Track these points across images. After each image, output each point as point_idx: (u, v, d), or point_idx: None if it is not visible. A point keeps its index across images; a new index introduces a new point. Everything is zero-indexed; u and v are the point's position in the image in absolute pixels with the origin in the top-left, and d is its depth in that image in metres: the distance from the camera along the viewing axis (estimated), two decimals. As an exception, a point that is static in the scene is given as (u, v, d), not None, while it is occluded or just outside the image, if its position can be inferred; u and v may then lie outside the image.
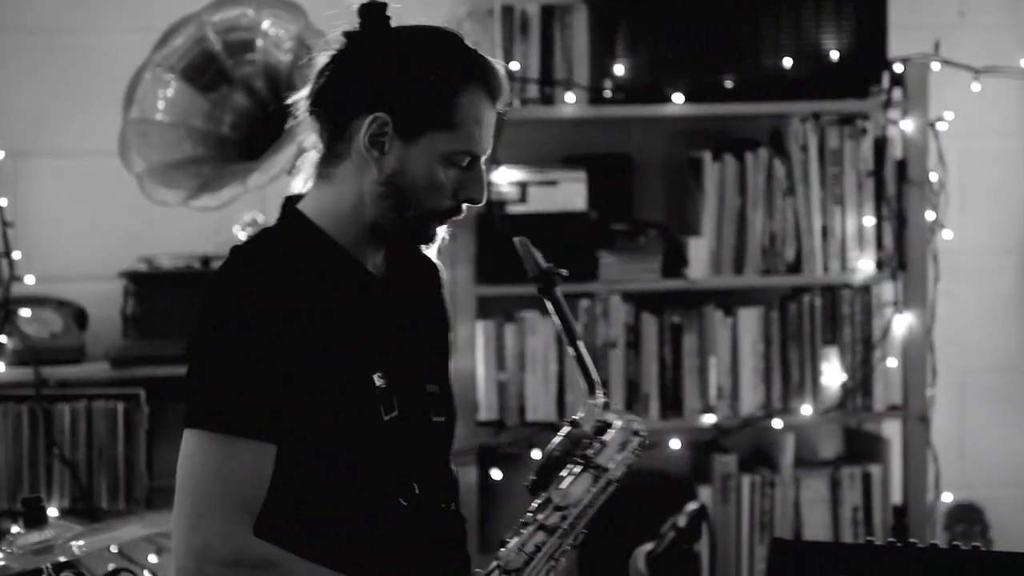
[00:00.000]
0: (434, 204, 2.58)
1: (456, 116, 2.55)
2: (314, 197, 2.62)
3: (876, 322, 4.68)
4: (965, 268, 5.04)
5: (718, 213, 4.60)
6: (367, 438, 2.56)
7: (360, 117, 2.55)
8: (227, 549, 2.43)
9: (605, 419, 2.70)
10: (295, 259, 2.54)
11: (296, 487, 2.52)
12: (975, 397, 5.12)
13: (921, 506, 4.68)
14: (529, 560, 2.59)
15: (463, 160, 2.57)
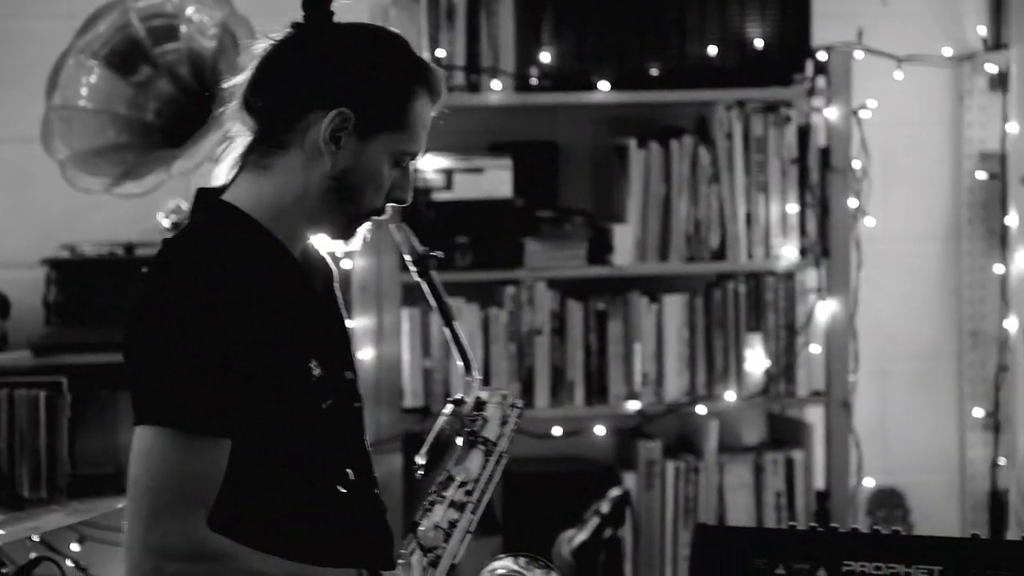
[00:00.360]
0: (372, 202, 2.59)
1: (409, 117, 2.57)
2: (246, 188, 2.60)
3: (799, 309, 4.71)
4: (887, 255, 5.08)
5: (643, 200, 4.62)
6: (309, 427, 2.57)
7: (317, 111, 2.54)
8: (186, 546, 2.43)
9: (479, 396, 2.74)
10: (234, 251, 2.53)
11: (244, 478, 2.52)
12: (897, 383, 5.16)
13: (843, 491, 4.72)
14: (447, 537, 2.61)
15: (406, 160, 2.60)
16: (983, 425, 5.13)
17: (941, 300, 5.18)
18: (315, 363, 2.57)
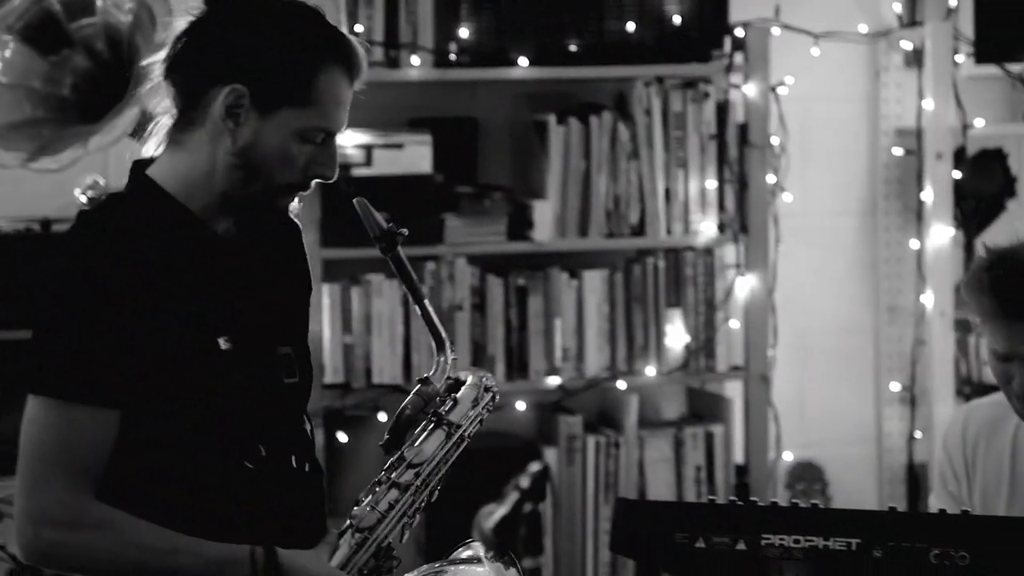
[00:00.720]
0: (284, 178, 2.57)
1: (313, 94, 2.54)
2: (165, 163, 2.60)
3: (719, 284, 4.73)
4: (805, 231, 5.11)
5: (563, 176, 4.62)
6: (209, 401, 2.56)
7: (217, 87, 2.53)
8: (65, 514, 2.45)
9: (457, 376, 2.73)
10: (141, 224, 2.53)
11: (145, 451, 2.53)
12: (815, 358, 5.20)
13: (762, 465, 4.75)
14: (382, 518, 2.61)
15: (317, 137, 2.57)
16: (900, 399, 5.18)
17: (858, 275, 5.22)
18: (225, 339, 2.56)
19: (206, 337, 2.55)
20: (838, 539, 2.81)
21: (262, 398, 2.63)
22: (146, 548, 2.50)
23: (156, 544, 2.50)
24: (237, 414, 2.59)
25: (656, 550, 2.89)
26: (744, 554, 2.84)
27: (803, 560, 2.82)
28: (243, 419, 2.60)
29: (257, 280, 2.68)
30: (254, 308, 2.65)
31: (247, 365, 2.60)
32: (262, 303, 2.67)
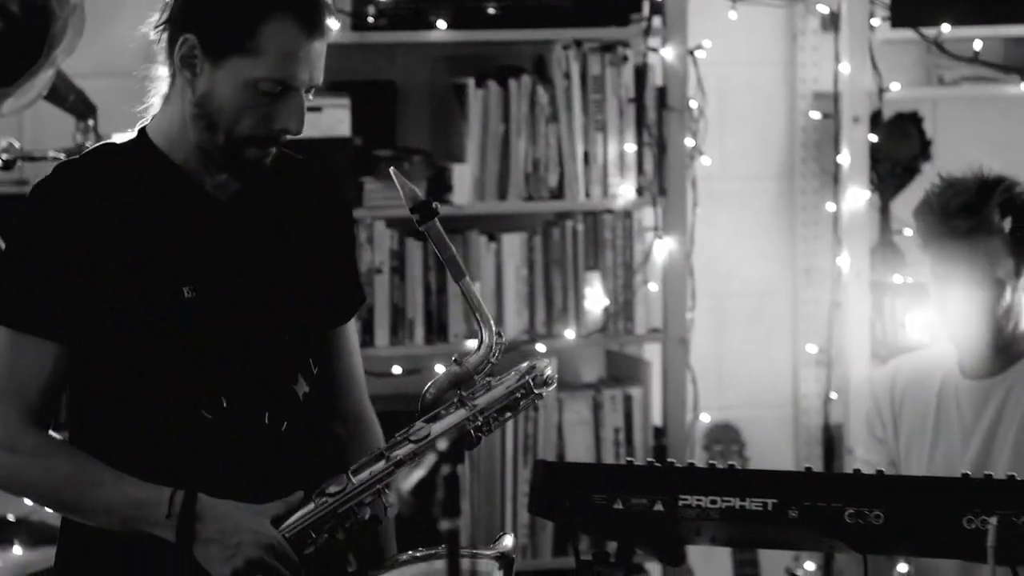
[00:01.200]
0: (244, 130, 2.60)
1: (259, 43, 2.57)
2: (156, 118, 2.69)
3: (637, 247, 4.74)
4: (723, 194, 5.13)
5: (482, 140, 4.62)
6: (166, 349, 2.60)
7: (177, 38, 2.59)
8: (4, 437, 2.59)
9: (494, 359, 2.71)
10: (118, 171, 2.63)
11: (103, 392, 2.62)
12: (732, 320, 5.23)
13: (680, 427, 4.78)
14: (356, 487, 2.60)
15: (272, 88, 2.59)
16: (816, 361, 5.22)
17: (775, 238, 5.25)
18: (189, 288, 2.61)
19: (169, 285, 2.60)
20: (754, 500, 2.83)
21: (228, 351, 2.65)
22: (71, 479, 2.59)
23: (81, 476, 2.58)
24: (195, 363, 2.62)
25: (574, 512, 2.91)
26: (662, 515, 2.86)
27: (720, 520, 2.84)
28: (201, 369, 2.63)
29: (249, 237, 2.70)
30: (237, 264, 2.67)
31: (212, 317, 2.63)
32: (251, 260, 2.69)
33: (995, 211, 3.18)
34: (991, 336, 3.24)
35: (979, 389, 3.31)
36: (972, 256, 3.20)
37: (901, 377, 3.43)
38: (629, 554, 2.92)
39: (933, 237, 3.23)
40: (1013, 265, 3.22)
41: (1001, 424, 3.27)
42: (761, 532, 2.92)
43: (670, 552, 3.02)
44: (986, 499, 2.69)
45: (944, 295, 3.25)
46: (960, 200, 3.20)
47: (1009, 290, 3.23)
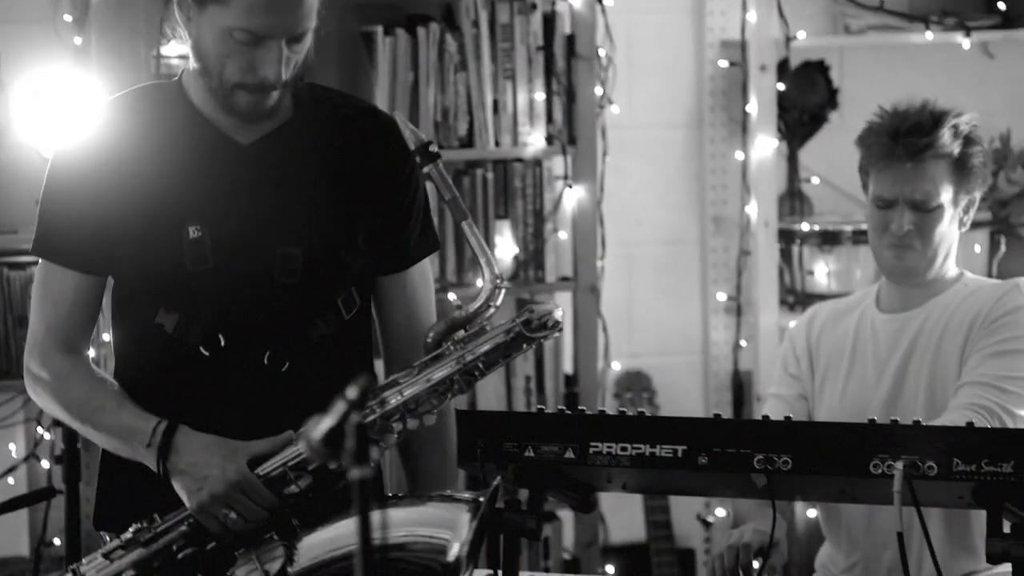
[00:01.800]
0: (232, 76, 2.68)
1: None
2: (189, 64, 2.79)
3: (547, 196, 4.75)
4: (632, 142, 5.14)
5: (391, 88, 4.59)
6: (167, 285, 2.71)
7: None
8: (36, 353, 2.79)
9: (493, 304, 2.73)
10: (148, 110, 2.77)
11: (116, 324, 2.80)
12: (642, 268, 5.25)
13: (591, 375, 4.80)
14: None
15: (245, 38, 2.65)
16: (725, 308, 5.26)
17: (684, 186, 5.27)
18: (196, 227, 2.70)
19: (175, 223, 2.70)
20: (664, 446, 2.85)
21: (229, 291, 2.72)
22: (80, 402, 2.76)
23: (89, 400, 2.75)
24: (194, 301, 2.71)
25: (485, 459, 2.92)
26: (572, 462, 2.88)
27: (630, 467, 2.86)
28: (201, 307, 2.71)
29: (268, 181, 2.75)
30: (250, 206, 2.73)
31: (216, 257, 2.70)
32: (267, 204, 2.74)
33: (947, 133, 3.26)
34: (924, 263, 3.30)
35: (895, 322, 3.36)
36: (919, 178, 3.27)
37: (820, 317, 3.49)
38: (540, 501, 2.93)
39: (882, 159, 3.30)
40: (954, 193, 3.29)
41: (913, 358, 3.32)
42: (671, 478, 2.94)
43: (581, 499, 3.03)
44: (892, 444, 2.73)
45: (883, 220, 3.30)
46: (913, 121, 3.29)
47: (947, 218, 3.29)
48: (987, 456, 2.68)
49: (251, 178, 2.75)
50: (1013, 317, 3.27)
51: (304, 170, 2.78)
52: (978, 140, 3.33)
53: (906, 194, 3.28)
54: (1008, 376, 3.21)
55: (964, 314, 3.31)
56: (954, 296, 3.34)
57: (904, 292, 3.37)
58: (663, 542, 4.89)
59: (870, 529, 3.30)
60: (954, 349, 3.29)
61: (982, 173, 3.33)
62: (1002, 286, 3.34)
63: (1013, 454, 2.67)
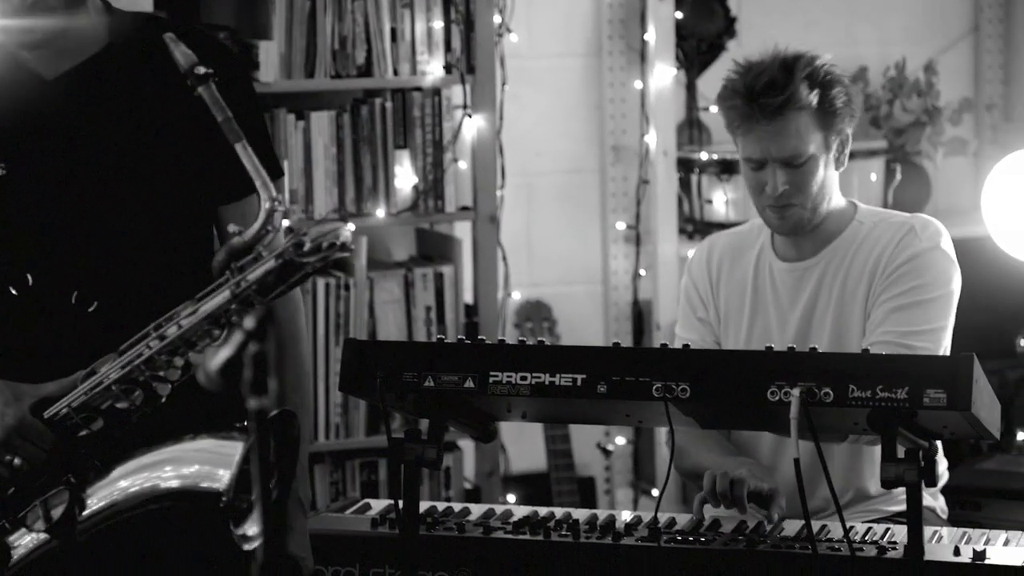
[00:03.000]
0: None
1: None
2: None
3: (446, 125, 4.72)
4: (531, 71, 5.13)
5: (288, 16, 4.54)
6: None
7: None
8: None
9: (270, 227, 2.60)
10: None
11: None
12: (542, 198, 5.25)
13: (491, 304, 4.80)
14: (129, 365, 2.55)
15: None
16: (625, 237, 5.28)
17: (583, 116, 5.27)
18: (1, 166, 2.61)
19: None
20: (564, 375, 2.86)
21: (37, 228, 2.64)
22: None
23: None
24: (2, 239, 2.64)
25: (386, 390, 2.91)
26: (473, 392, 2.88)
27: (530, 396, 2.87)
28: (9, 245, 2.64)
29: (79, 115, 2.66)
30: (59, 142, 2.64)
31: (23, 194, 2.62)
32: (77, 139, 2.65)
33: (802, 85, 3.20)
34: (807, 215, 3.27)
35: (794, 272, 3.33)
36: (783, 135, 3.21)
37: (716, 252, 3.45)
38: (441, 431, 2.93)
39: (742, 120, 3.24)
40: (823, 139, 3.25)
41: (817, 308, 3.31)
42: (571, 407, 2.96)
43: (482, 428, 3.04)
44: (789, 371, 2.75)
45: (758, 181, 3.26)
46: (766, 78, 3.21)
47: (822, 164, 3.26)
48: (882, 382, 2.71)
49: (57, 114, 2.66)
50: (912, 264, 3.25)
51: (114, 104, 2.69)
52: (837, 80, 3.24)
53: (773, 153, 3.22)
54: (913, 331, 3.19)
55: (863, 262, 3.28)
56: (851, 239, 3.31)
57: (797, 238, 3.35)
58: (564, 471, 4.92)
59: (778, 464, 3.32)
60: (857, 300, 3.28)
61: (848, 111, 3.26)
62: (898, 228, 3.29)
63: (907, 380, 2.70)
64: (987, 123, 5.57)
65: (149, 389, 2.55)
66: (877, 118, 5.33)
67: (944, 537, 2.96)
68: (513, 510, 3.17)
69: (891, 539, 2.92)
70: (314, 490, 4.64)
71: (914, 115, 5.31)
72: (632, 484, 5.30)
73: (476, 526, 3.05)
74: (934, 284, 3.24)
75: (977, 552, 2.79)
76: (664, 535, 2.96)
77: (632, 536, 2.97)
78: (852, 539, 2.87)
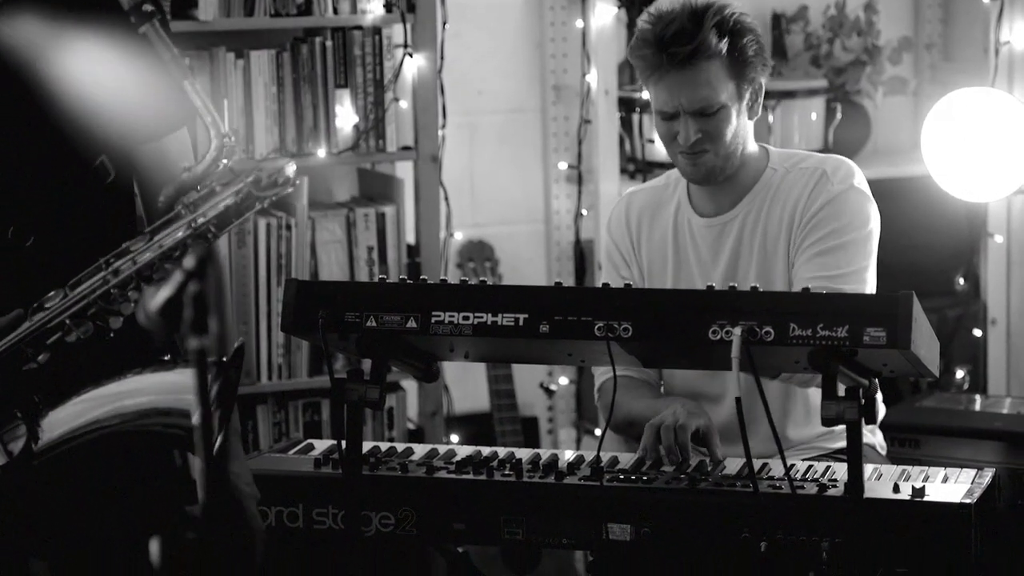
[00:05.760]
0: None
1: None
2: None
3: (387, 64, 4.70)
4: (472, 9, 5.11)
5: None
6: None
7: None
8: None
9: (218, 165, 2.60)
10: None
11: None
12: (483, 137, 5.24)
13: (433, 245, 4.79)
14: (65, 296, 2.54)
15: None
16: (567, 177, 5.27)
17: (525, 55, 5.25)
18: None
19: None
20: (506, 315, 2.87)
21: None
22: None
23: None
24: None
25: (328, 330, 2.91)
26: (415, 332, 2.88)
27: (473, 336, 2.88)
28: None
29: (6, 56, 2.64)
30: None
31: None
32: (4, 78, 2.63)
33: (711, 33, 3.19)
34: (720, 163, 3.26)
35: (713, 228, 3.34)
36: (695, 83, 3.20)
37: (635, 209, 3.44)
38: (383, 371, 2.93)
39: (653, 70, 3.23)
40: (735, 88, 3.24)
41: (740, 264, 3.31)
42: (514, 347, 2.97)
43: (424, 369, 3.05)
44: (731, 310, 2.76)
45: (670, 130, 3.25)
46: (675, 28, 3.20)
47: (734, 114, 3.25)
48: (822, 321, 2.73)
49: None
50: (829, 209, 3.25)
51: (42, 43, 2.65)
52: (748, 28, 3.24)
53: (684, 103, 3.21)
54: (838, 274, 3.20)
55: (780, 212, 3.28)
56: (765, 189, 3.31)
57: (713, 192, 3.35)
58: (507, 411, 4.93)
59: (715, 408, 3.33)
60: (779, 251, 3.28)
61: (760, 59, 3.25)
62: (811, 174, 3.29)
63: (847, 319, 2.72)
64: (926, 62, 5.59)
65: (102, 321, 2.55)
66: (817, 57, 5.34)
67: (884, 475, 2.98)
68: (456, 450, 3.18)
69: (831, 477, 2.94)
70: (257, 431, 4.64)
71: (854, 54, 5.32)
72: (575, 424, 5.32)
73: (419, 466, 3.05)
74: (852, 225, 3.25)
75: (916, 489, 2.81)
76: (607, 474, 2.97)
77: (575, 475, 2.98)
78: (793, 477, 2.90)
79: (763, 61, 3.27)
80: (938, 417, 4.16)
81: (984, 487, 2.87)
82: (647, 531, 2.89)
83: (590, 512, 2.93)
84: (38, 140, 2.66)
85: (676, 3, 3.24)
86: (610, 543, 2.91)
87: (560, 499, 2.95)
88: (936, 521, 2.79)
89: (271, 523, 3.03)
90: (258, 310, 4.60)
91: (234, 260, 4.58)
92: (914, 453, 4.02)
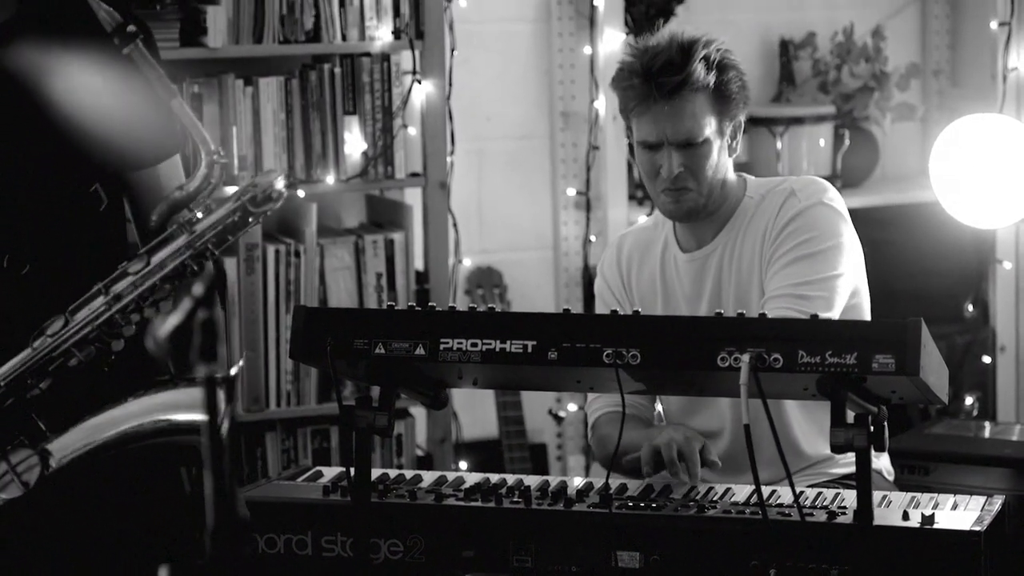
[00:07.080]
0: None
1: None
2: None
3: (396, 91, 4.71)
4: (480, 36, 5.12)
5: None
6: None
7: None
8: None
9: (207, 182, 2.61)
10: None
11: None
12: (492, 164, 5.24)
13: (442, 271, 4.79)
14: (82, 323, 2.54)
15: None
16: (575, 203, 5.28)
17: (533, 81, 5.26)
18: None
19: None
20: (515, 342, 2.86)
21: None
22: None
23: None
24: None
25: (336, 357, 2.91)
26: (423, 359, 2.88)
27: (481, 363, 2.87)
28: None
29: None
30: None
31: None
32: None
33: (699, 66, 3.21)
34: (702, 200, 3.27)
35: (695, 262, 3.34)
36: (681, 115, 3.21)
37: (625, 251, 3.46)
38: (392, 398, 2.93)
39: (640, 101, 3.24)
40: (717, 124, 3.25)
41: (722, 293, 3.32)
42: (522, 374, 2.96)
43: (433, 395, 3.04)
44: (739, 337, 2.76)
45: (653, 163, 3.26)
46: (663, 59, 3.21)
47: (715, 149, 3.26)
48: (831, 348, 2.72)
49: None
50: (796, 223, 3.25)
51: (28, 69, 2.65)
52: (732, 64, 3.26)
53: (669, 134, 3.22)
54: (805, 282, 3.19)
55: (753, 238, 3.30)
56: (742, 218, 3.32)
57: (695, 227, 3.35)
58: (515, 437, 4.93)
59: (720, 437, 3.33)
60: (754, 275, 3.29)
61: (742, 96, 3.28)
62: (779, 195, 3.29)
63: (856, 346, 2.72)
64: (934, 88, 5.59)
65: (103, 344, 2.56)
66: (825, 83, 5.35)
67: (893, 502, 2.97)
68: (465, 477, 3.17)
69: (840, 504, 2.93)
70: (265, 458, 4.64)
71: (862, 80, 5.33)
72: (584, 450, 5.31)
73: (428, 493, 3.05)
74: (821, 237, 3.25)
75: (926, 516, 2.81)
76: (615, 501, 2.96)
77: (583, 502, 2.97)
78: (802, 504, 2.89)
79: (745, 98, 3.29)
80: (947, 444, 4.15)
81: (994, 514, 2.86)
82: (656, 559, 2.88)
83: (599, 540, 2.92)
84: (34, 168, 2.67)
85: (661, 37, 3.26)
86: (619, 571, 2.91)
87: (569, 527, 2.94)
88: (946, 549, 2.77)
89: (280, 551, 3.02)
90: (267, 337, 4.61)
91: (243, 287, 4.58)
92: (924, 480, 4.02)
